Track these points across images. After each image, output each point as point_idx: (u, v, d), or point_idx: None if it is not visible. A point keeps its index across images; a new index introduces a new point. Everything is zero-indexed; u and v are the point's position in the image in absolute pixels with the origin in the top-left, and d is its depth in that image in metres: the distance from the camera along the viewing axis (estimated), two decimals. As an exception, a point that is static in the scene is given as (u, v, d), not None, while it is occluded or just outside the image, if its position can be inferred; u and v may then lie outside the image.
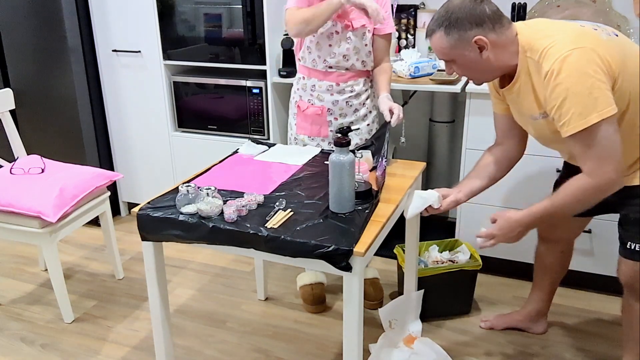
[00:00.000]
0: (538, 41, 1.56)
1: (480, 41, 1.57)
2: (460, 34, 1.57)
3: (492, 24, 1.57)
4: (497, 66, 1.63)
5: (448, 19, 1.57)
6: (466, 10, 1.56)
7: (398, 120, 2.05)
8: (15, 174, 2.48)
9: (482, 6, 1.56)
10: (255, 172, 2.01)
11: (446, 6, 1.60)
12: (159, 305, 1.89)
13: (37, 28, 2.99)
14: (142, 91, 3.12)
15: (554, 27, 1.59)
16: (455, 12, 1.57)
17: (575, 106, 1.47)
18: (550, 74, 1.49)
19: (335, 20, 2.13)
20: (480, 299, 2.56)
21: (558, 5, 2.73)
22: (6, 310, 2.57)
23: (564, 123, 1.51)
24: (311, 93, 2.27)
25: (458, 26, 1.57)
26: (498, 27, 1.57)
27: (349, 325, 1.59)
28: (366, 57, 2.22)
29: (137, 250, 3.08)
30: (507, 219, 1.67)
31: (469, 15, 1.56)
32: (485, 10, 1.56)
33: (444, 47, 1.61)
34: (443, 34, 1.59)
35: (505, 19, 1.60)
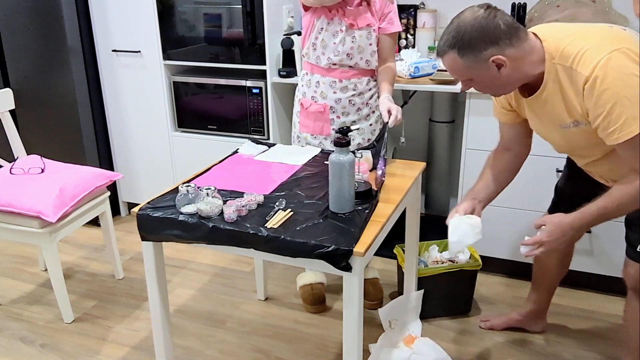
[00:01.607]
0: (567, 47, 1.46)
1: (498, 60, 1.47)
2: (475, 54, 1.47)
3: (509, 39, 1.46)
4: (517, 79, 1.54)
5: (461, 40, 1.47)
6: (479, 28, 1.45)
7: (396, 121, 2.05)
8: (15, 174, 2.48)
9: (496, 21, 1.45)
10: (255, 172, 2.01)
11: (457, 24, 1.49)
12: (159, 305, 1.89)
13: (37, 28, 2.99)
14: (142, 91, 3.12)
15: (580, 31, 1.50)
16: (468, 32, 1.45)
17: (627, 110, 1.38)
18: (594, 80, 1.40)
19: (340, 19, 2.13)
20: (480, 299, 2.56)
21: (558, 5, 2.73)
22: (6, 310, 2.57)
23: (615, 129, 1.41)
24: (315, 89, 2.28)
25: (472, 47, 1.46)
26: (515, 40, 1.47)
27: (349, 325, 1.59)
28: (370, 56, 2.21)
29: (137, 250, 3.08)
30: (558, 223, 1.57)
31: (483, 34, 1.45)
32: (499, 26, 1.45)
33: (458, 68, 1.53)
34: (456, 56, 1.49)
35: (521, 30, 1.49)
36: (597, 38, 1.45)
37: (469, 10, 1.49)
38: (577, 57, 1.44)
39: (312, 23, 2.19)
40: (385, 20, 2.20)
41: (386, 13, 2.20)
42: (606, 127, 1.43)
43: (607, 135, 1.44)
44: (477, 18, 1.46)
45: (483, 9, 1.47)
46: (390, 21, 2.20)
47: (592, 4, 2.67)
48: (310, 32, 2.21)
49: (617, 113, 1.39)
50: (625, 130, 1.40)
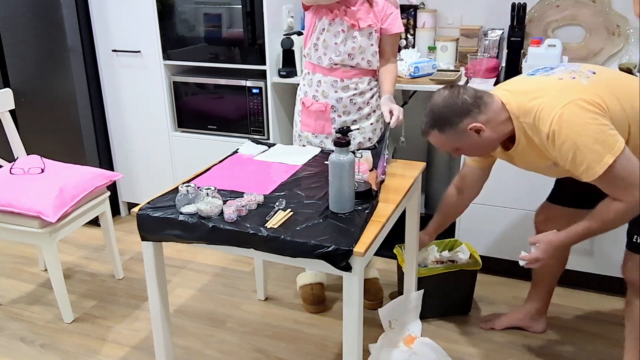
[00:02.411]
0: (526, 105, 1.63)
1: (475, 127, 1.65)
2: (453, 128, 1.66)
3: (477, 107, 1.65)
4: (496, 138, 1.70)
5: (438, 120, 1.67)
6: (449, 106, 1.65)
7: (397, 122, 2.06)
8: (15, 174, 2.48)
9: (461, 97, 1.66)
10: (255, 172, 2.01)
11: (430, 108, 1.70)
12: (158, 305, 1.89)
13: (37, 28, 2.98)
14: (142, 91, 3.12)
15: (535, 87, 1.67)
16: (442, 112, 1.66)
17: (587, 156, 1.55)
18: (552, 134, 1.57)
19: (342, 19, 2.13)
20: (480, 299, 2.56)
21: (558, 6, 2.73)
22: (6, 310, 2.57)
23: (582, 172, 1.58)
24: (316, 89, 2.28)
25: (449, 122, 1.66)
26: (483, 107, 1.66)
27: (348, 325, 1.59)
28: (372, 56, 2.22)
29: (137, 250, 3.08)
30: (550, 242, 1.76)
31: (453, 110, 1.65)
32: (465, 100, 1.65)
33: (444, 142, 1.72)
34: (438, 133, 1.70)
35: (485, 96, 1.68)
36: (550, 93, 1.62)
37: (436, 94, 1.71)
38: (537, 114, 1.61)
39: (314, 23, 2.19)
40: (387, 21, 2.20)
41: (388, 14, 2.20)
42: (575, 170, 1.60)
43: (579, 176, 1.61)
44: (445, 98, 1.67)
45: (448, 90, 1.69)
46: (392, 22, 2.21)
47: (591, 4, 2.68)
48: (312, 33, 2.21)
49: (579, 160, 1.57)
50: (590, 172, 1.57)
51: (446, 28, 2.96)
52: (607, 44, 2.70)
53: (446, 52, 2.84)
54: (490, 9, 2.85)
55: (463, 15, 2.91)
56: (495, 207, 2.57)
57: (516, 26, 2.59)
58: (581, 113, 1.55)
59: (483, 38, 2.75)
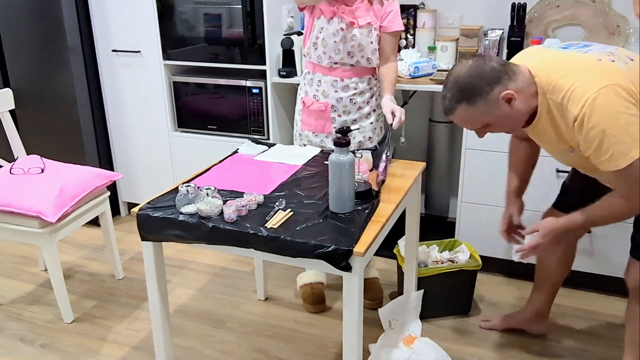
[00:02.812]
0: (559, 82, 1.51)
1: (508, 95, 1.52)
2: (485, 98, 1.52)
3: (508, 75, 1.53)
4: (525, 110, 1.58)
5: (466, 91, 1.52)
6: (478, 74, 1.52)
7: (400, 123, 2.06)
8: (15, 174, 2.48)
9: (489, 64, 1.53)
10: (255, 172, 2.01)
11: (454, 80, 1.54)
12: (158, 305, 1.89)
13: (37, 28, 2.99)
14: (142, 91, 3.12)
15: (571, 64, 1.55)
16: (469, 82, 1.52)
17: (613, 146, 1.45)
18: (581, 118, 1.46)
19: (340, 17, 2.13)
20: (480, 299, 2.56)
21: (558, 6, 2.73)
22: (6, 310, 2.57)
23: (603, 161, 1.50)
24: (317, 88, 2.28)
25: (480, 92, 1.52)
26: (512, 75, 1.53)
27: (348, 325, 1.59)
28: (371, 54, 2.22)
29: (137, 250, 3.08)
30: (550, 227, 1.69)
31: (484, 78, 1.51)
32: (494, 67, 1.52)
33: (472, 117, 1.57)
34: (467, 106, 1.54)
35: (512, 65, 1.56)
36: (586, 74, 1.50)
37: (458, 65, 1.56)
38: (567, 94, 1.49)
39: (312, 22, 2.19)
40: (387, 19, 2.20)
41: (388, 12, 2.19)
42: (596, 158, 1.51)
43: (598, 164, 1.52)
44: (470, 67, 1.53)
45: (472, 59, 1.55)
46: (392, 20, 2.20)
47: (591, 4, 2.68)
48: (311, 32, 2.21)
49: (604, 148, 1.47)
50: (613, 163, 1.48)
51: (446, 28, 2.96)
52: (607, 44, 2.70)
53: (446, 52, 2.84)
54: (490, 9, 2.85)
55: (463, 15, 2.91)
56: (495, 207, 2.57)
57: (516, 26, 2.59)
58: (616, 99, 1.44)
59: (483, 38, 2.75)
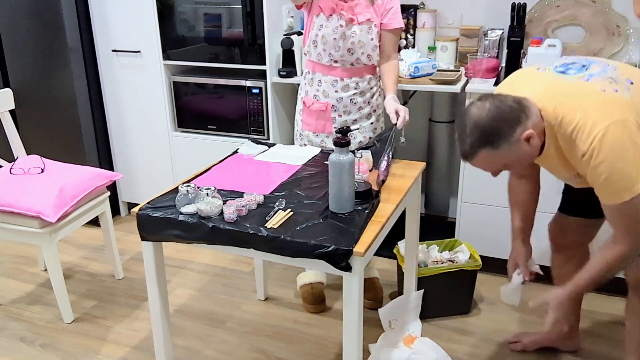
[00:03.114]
0: (566, 116, 1.50)
1: (528, 135, 1.50)
2: (508, 140, 1.48)
3: (524, 113, 1.49)
4: (540, 145, 1.57)
5: (489, 135, 1.48)
6: (499, 117, 1.47)
7: (404, 122, 2.06)
8: (15, 174, 2.48)
9: (507, 103, 1.49)
10: (255, 172, 2.01)
11: (474, 124, 1.49)
12: (158, 305, 1.89)
13: (37, 28, 2.98)
14: (142, 91, 3.12)
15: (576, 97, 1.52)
16: (492, 125, 1.47)
17: (619, 181, 1.46)
18: (590, 153, 1.47)
19: (340, 14, 2.13)
20: (480, 299, 2.56)
21: (558, 6, 2.73)
22: (6, 310, 2.57)
23: (608, 195, 1.51)
24: (317, 88, 2.28)
25: (504, 135, 1.48)
26: (527, 111, 1.50)
27: (348, 325, 1.59)
28: (372, 51, 2.21)
29: (137, 250, 3.08)
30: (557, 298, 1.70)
31: (505, 120, 1.47)
32: (512, 106, 1.48)
33: (495, 160, 1.54)
34: (491, 150, 1.50)
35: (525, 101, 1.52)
36: (593, 108, 1.48)
37: (474, 108, 1.51)
38: (576, 129, 1.49)
39: (312, 20, 2.19)
40: (387, 16, 2.20)
41: (388, 9, 2.19)
42: (601, 191, 1.53)
43: (602, 197, 1.54)
44: (490, 110, 1.48)
45: (488, 101, 1.50)
46: (392, 17, 2.20)
47: (591, 4, 2.68)
48: (310, 30, 2.21)
49: (610, 183, 1.48)
50: (617, 196, 1.49)
51: (446, 28, 2.96)
52: (607, 44, 2.70)
53: (446, 52, 2.84)
54: (490, 9, 2.85)
55: (463, 15, 2.91)
56: (495, 207, 2.57)
57: (516, 26, 2.59)
58: (624, 135, 1.44)
59: (483, 38, 2.75)
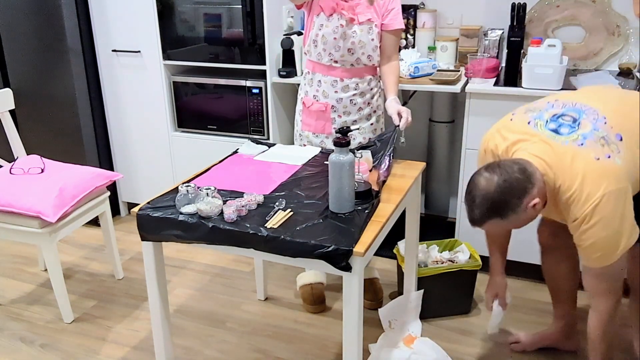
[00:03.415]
0: (564, 184, 1.58)
1: (534, 204, 1.57)
2: (515, 210, 1.56)
3: (530, 182, 1.55)
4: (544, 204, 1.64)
5: (498, 208, 1.55)
6: (509, 191, 1.54)
7: (407, 123, 2.06)
8: (14, 174, 2.48)
9: (513, 175, 1.54)
10: (255, 172, 2.01)
11: (483, 197, 1.56)
12: (158, 305, 1.89)
13: (37, 28, 2.99)
14: (142, 91, 3.12)
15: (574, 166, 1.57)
16: (501, 199, 1.54)
17: (605, 248, 1.57)
18: (581, 219, 1.56)
19: (340, 14, 2.13)
20: (480, 298, 2.56)
21: (558, 6, 2.74)
22: (6, 310, 2.57)
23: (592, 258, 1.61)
24: (317, 88, 2.27)
25: (511, 207, 1.55)
26: (532, 179, 1.56)
27: (348, 325, 1.59)
28: (372, 51, 2.21)
29: (137, 250, 3.08)
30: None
31: (512, 193, 1.54)
32: (518, 178, 1.54)
33: (503, 227, 1.63)
34: (500, 220, 1.58)
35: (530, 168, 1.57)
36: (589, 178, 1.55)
37: (483, 179, 1.56)
38: (572, 197, 1.57)
39: (312, 19, 2.19)
40: (388, 17, 2.19)
41: (389, 9, 2.19)
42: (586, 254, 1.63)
43: (583, 258, 1.66)
44: (499, 184, 1.54)
45: (495, 173, 1.55)
46: (393, 18, 2.20)
47: (591, 4, 2.68)
48: (310, 29, 2.20)
49: (595, 248, 1.59)
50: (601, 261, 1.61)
51: (446, 28, 2.96)
52: (607, 44, 2.70)
53: (446, 52, 2.84)
54: (490, 9, 2.85)
55: (463, 15, 2.91)
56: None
57: (516, 26, 2.59)
58: (616, 204, 1.53)
59: (483, 38, 2.76)
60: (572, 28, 2.76)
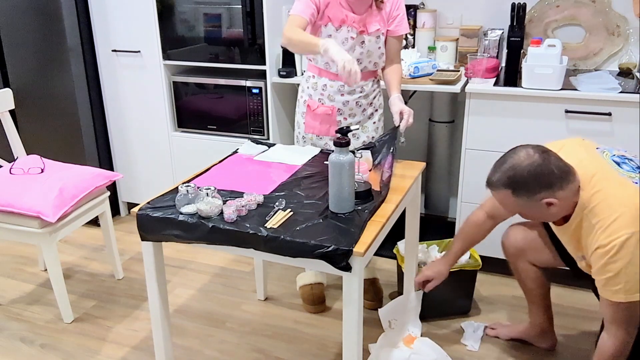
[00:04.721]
0: (598, 205, 1.56)
1: (549, 202, 1.56)
2: (529, 196, 1.56)
3: (561, 183, 1.55)
4: (561, 214, 1.64)
5: (516, 183, 1.55)
6: (535, 174, 1.53)
7: (407, 124, 2.05)
8: (14, 174, 2.48)
9: (550, 167, 1.54)
10: (255, 172, 2.01)
11: (512, 165, 1.56)
12: (158, 305, 1.89)
13: (37, 28, 2.99)
14: (142, 91, 3.12)
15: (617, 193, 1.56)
16: (524, 176, 1.54)
17: (624, 284, 1.54)
18: (608, 249, 1.53)
19: (350, 26, 2.12)
20: (480, 298, 2.56)
21: (558, 6, 2.74)
22: (6, 310, 2.57)
23: (609, 291, 1.59)
24: (322, 92, 2.27)
25: (527, 189, 1.55)
26: (565, 184, 1.55)
27: (348, 325, 1.59)
28: (378, 58, 2.22)
29: (136, 250, 3.08)
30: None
31: (538, 179, 1.54)
32: (553, 172, 1.54)
33: (510, 204, 1.62)
34: (510, 194, 1.58)
35: (571, 173, 1.57)
36: (627, 210, 1.52)
37: (524, 152, 1.56)
38: (601, 222, 1.55)
39: (319, 30, 2.17)
40: (394, 23, 2.19)
41: (395, 16, 2.19)
42: (603, 285, 1.60)
43: (601, 288, 1.62)
44: (533, 163, 1.53)
45: (538, 154, 1.55)
46: (398, 23, 2.20)
47: (591, 4, 2.68)
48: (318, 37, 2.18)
49: (615, 282, 1.56)
50: (616, 297, 1.58)
51: (446, 28, 2.96)
52: (607, 44, 2.70)
53: (446, 52, 2.84)
54: (490, 9, 2.85)
55: (463, 15, 2.91)
56: (495, 207, 2.56)
57: (516, 26, 2.59)
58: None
59: (483, 38, 2.76)
60: (572, 28, 2.76)
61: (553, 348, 2.24)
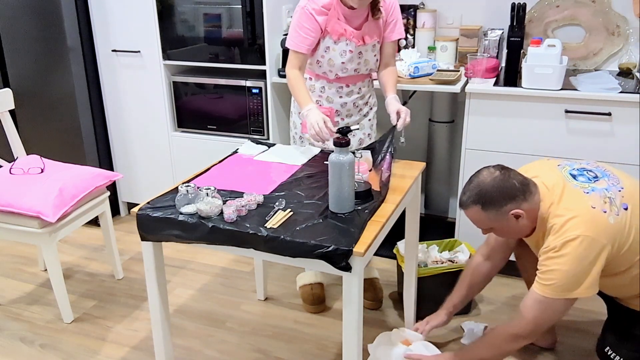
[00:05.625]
0: (553, 213, 1.69)
1: (516, 213, 1.70)
2: (496, 209, 1.70)
3: (523, 195, 1.70)
4: (530, 226, 1.76)
5: (482, 198, 1.70)
6: (498, 187, 1.69)
7: (404, 124, 2.06)
8: (14, 174, 2.48)
9: (511, 181, 1.69)
10: (254, 172, 2.01)
11: (477, 183, 1.72)
12: (158, 305, 1.89)
13: (37, 28, 2.99)
14: (141, 91, 3.12)
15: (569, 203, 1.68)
16: (489, 191, 1.69)
17: (560, 280, 1.65)
18: (552, 248, 1.65)
19: (349, 39, 2.13)
20: (480, 298, 2.56)
21: (557, 6, 2.74)
22: (6, 310, 2.57)
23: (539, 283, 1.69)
24: (320, 94, 2.27)
25: (494, 203, 1.70)
26: (528, 195, 1.70)
27: (348, 325, 1.59)
28: (374, 64, 2.25)
29: (136, 250, 3.08)
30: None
31: (501, 192, 1.69)
32: (514, 185, 1.69)
33: (482, 219, 1.76)
34: (480, 210, 1.73)
35: (531, 185, 1.72)
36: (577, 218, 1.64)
37: (486, 171, 1.74)
38: (555, 227, 1.67)
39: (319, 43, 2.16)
40: (388, 29, 2.20)
41: (390, 22, 2.19)
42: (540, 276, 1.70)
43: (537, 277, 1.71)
44: (495, 179, 1.70)
45: (499, 170, 1.72)
46: (393, 29, 2.21)
47: (591, 4, 2.68)
48: (316, 49, 2.18)
49: (551, 275, 1.66)
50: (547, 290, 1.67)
51: (446, 28, 2.96)
52: (606, 44, 2.70)
53: (446, 52, 2.85)
54: (490, 9, 2.85)
55: (463, 15, 2.91)
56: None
57: (516, 26, 2.59)
58: (588, 251, 1.62)
59: (483, 38, 2.76)
60: (571, 28, 2.76)
61: (553, 346, 2.25)
